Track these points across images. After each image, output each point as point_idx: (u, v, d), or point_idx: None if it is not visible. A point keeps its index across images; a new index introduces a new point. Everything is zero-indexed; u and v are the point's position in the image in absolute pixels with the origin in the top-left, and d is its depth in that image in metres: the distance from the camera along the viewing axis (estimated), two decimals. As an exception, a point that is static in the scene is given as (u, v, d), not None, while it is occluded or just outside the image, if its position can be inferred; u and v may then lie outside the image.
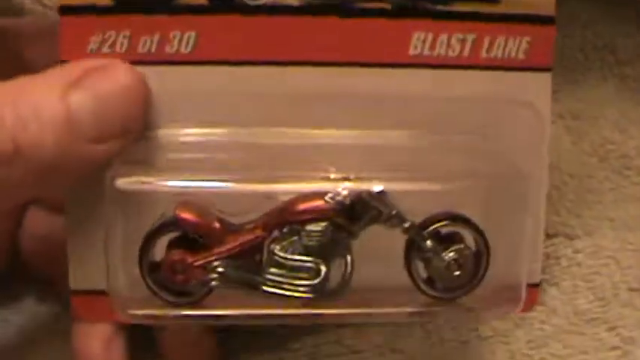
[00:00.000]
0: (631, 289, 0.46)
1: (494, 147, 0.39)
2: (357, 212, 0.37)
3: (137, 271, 0.38)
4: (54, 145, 0.33)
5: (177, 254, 0.38)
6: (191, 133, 0.38)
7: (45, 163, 0.33)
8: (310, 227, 0.37)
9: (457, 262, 0.38)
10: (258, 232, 0.37)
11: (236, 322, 0.40)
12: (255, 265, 0.37)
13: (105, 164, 0.36)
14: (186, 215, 0.37)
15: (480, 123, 0.39)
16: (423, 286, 0.39)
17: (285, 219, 0.37)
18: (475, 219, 0.39)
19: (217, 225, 0.37)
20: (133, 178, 0.37)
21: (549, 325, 0.45)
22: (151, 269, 0.38)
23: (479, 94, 0.39)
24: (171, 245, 0.38)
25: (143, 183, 0.37)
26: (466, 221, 0.39)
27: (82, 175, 0.36)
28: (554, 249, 0.47)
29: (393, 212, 0.38)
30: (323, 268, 0.37)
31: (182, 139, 0.38)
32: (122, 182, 0.37)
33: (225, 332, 0.44)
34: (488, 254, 0.39)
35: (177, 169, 0.37)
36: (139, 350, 0.42)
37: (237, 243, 0.37)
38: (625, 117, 0.51)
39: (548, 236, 0.48)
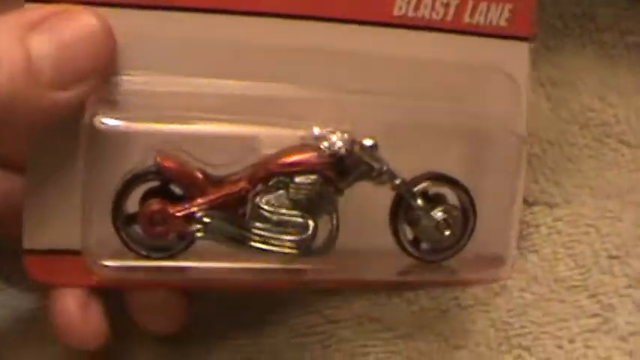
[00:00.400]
0: (611, 257, 0.45)
1: (472, 112, 0.39)
2: (346, 167, 0.36)
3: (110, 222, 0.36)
4: (11, 91, 0.31)
5: (156, 204, 0.36)
6: (161, 82, 0.36)
7: (1, 111, 0.32)
8: (299, 180, 0.36)
9: (446, 222, 0.38)
10: (243, 185, 0.36)
11: (211, 276, 0.39)
12: (239, 218, 0.36)
13: (67, 115, 0.34)
14: (169, 163, 0.36)
15: (458, 88, 0.39)
16: (409, 247, 0.38)
17: (272, 171, 0.36)
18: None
19: (200, 175, 0.36)
20: (115, 118, 0.36)
21: (529, 293, 0.45)
22: (126, 221, 0.36)
23: (460, 59, 0.39)
24: (147, 197, 0.36)
25: (127, 122, 0.36)
26: (454, 182, 0.39)
27: (43, 126, 0.34)
28: (534, 217, 0.47)
29: (385, 168, 0.37)
30: (311, 223, 0.36)
31: (153, 87, 0.36)
32: (102, 121, 0.35)
33: (199, 301, 0.43)
34: (475, 215, 0.39)
35: (156, 115, 0.36)
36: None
37: (221, 194, 0.36)
38: (604, 84, 0.51)
39: (527, 204, 0.47)
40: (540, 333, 0.44)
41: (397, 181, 0.37)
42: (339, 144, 0.36)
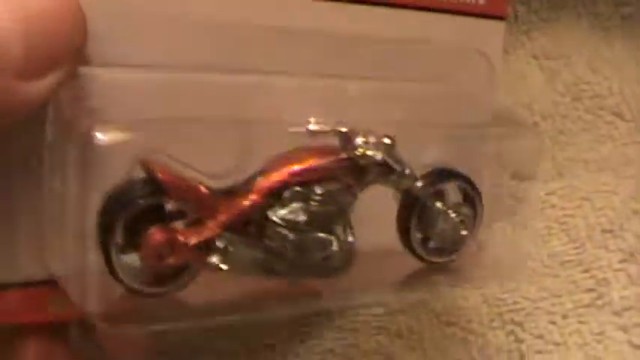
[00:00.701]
0: (605, 231, 0.45)
1: (446, 92, 0.38)
2: (363, 170, 0.32)
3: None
4: None
5: (161, 232, 0.29)
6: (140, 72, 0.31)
7: None
8: (320, 189, 0.31)
9: (463, 222, 0.35)
10: (254, 198, 0.30)
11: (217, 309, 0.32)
12: (257, 240, 0.31)
13: (31, 112, 0.28)
14: (169, 176, 0.29)
15: (433, 67, 0.37)
16: (419, 250, 0.35)
17: (286, 181, 0.30)
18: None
19: (205, 190, 0.30)
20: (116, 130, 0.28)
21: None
22: (121, 251, 0.29)
23: (436, 38, 0.37)
24: (132, 221, 0.29)
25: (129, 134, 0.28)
26: (463, 176, 0.36)
27: (5, 128, 0.28)
28: (527, 191, 0.46)
29: (407, 171, 0.33)
30: (333, 239, 0.32)
31: (133, 76, 0.31)
32: (100, 136, 0.28)
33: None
34: (482, 209, 0.36)
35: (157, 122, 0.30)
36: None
37: (233, 212, 0.30)
38: (598, 56, 0.50)
39: (520, 178, 0.46)
40: (533, 309, 0.43)
41: (419, 184, 0.34)
42: (373, 150, 0.31)
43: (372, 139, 0.32)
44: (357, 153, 0.31)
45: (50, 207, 0.30)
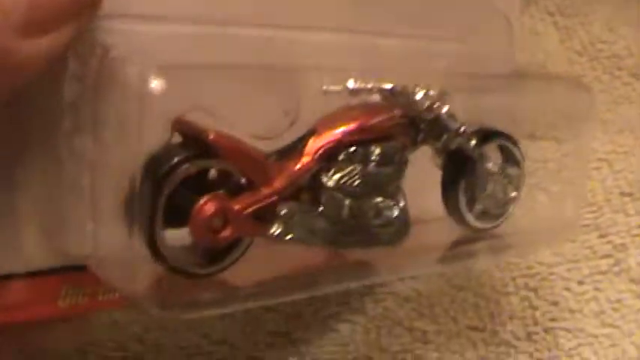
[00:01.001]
0: (623, 194, 0.43)
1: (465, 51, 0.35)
2: (418, 128, 0.29)
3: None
4: None
5: (213, 202, 0.25)
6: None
7: None
8: (378, 150, 0.28)
9: (512, 183, 0.33)
10: (306, 161, 0.27)
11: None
12: (311, 208, 0.27)
13: (36, 74, 0.24)
14: (222, 138, 0.25)
15: (453, 25, 0.35)
16: (467, 216, 0.32)
17: (341, 141, 0.27)
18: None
19: (257, 152, 0.26)
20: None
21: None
22: (166, 226, 0.25)
23: None
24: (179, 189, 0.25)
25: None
26: (509, 136, 0.33)
27: (9, 90, 0.25)
28: (543, 152, 0.44)
29: (462, 129, 0.30)
30: (393, 204, 0.29)
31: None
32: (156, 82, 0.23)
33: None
34: (524, 171, 0.34)
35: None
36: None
37: (288, 178, 0.27)
38: (616, 15, 0.48)
39: (534, 139, 0.44)
40: (548, 274, 0.41)
41: (473, 143, 0.31)
42: (439, 103, 0.29)
43: (432, 92, 0.29)
44: (421, 108, 0.29)
45: (73, 178, 0.26)
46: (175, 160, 0.25)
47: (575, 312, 0.40)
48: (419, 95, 0.29)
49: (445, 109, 0.29)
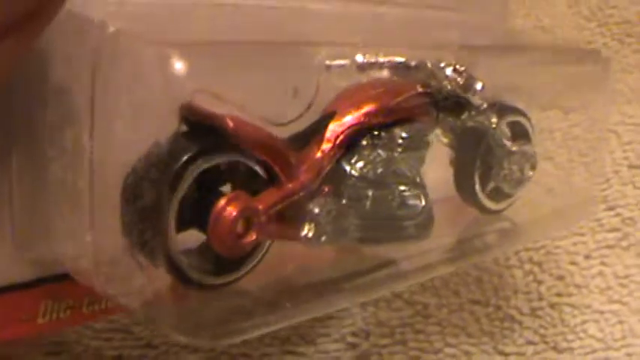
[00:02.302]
0: (632, 167, 0.41)
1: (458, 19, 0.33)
2: (439, 106, 0.26)
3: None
4: None
5: (234, 201, 0.21)
6: None
7: None
8: (404, 132, 0.25)
9: (529, 161, 0.30)
10: (327, 148, 0.23)
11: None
12: (337, 201, 0.24)
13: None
14: (244, 126, 0.21)
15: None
16: (481, 196, 0.29)
17: (363, 122, 0.24)
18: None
19: (279, 141, 0.23)
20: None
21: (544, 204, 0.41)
22: (179, 230, 0.21)
23: None
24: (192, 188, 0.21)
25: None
26: (522, 111, 0.31)
27: None
28: (549, 122, 0.42)
29: (484, 105, 0.27)
30: (421, 194, 0.25)
31: None
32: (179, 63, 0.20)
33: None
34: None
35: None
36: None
37: (314, 169, 0.23)
38: (626, -20, 0.46)
39: (541, 108, 0.43)
40: (553, 247, 0.39)
41: (494, 120, 0.28)
42: (479, 84, 0.26)
43: (459, 68, 0.26)
44: (454, 84, 0.26)
45: (61, 179, 0.22)
46: (186, 156, 0.21)
47: (581, 287, 0.38)
48: (448, 71, 0.26)
49: (479, 85, 0.26)
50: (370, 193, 0.24)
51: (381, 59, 0.25)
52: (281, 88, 0.23)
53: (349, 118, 0.24)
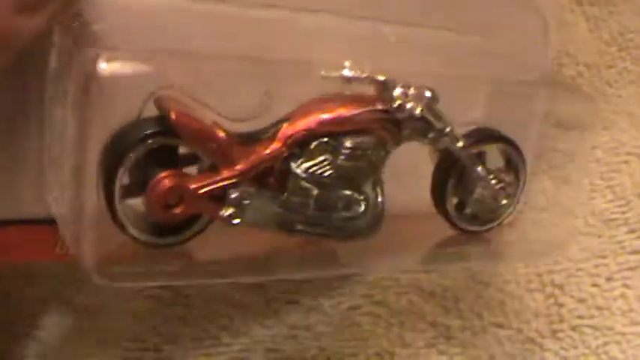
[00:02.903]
0: (653, 189, 0.42)
1: (495, 47, 0.34)
2: (400, 124, 0.29)
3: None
4: None
5: (169, 178, 0.26)
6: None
7: None
8: (351, 142, 0.28)
9: (504, 190, 0.32)
10: (276, 147, 0.27)
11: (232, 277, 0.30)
12: (277, 195, 0.28)
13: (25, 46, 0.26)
14: (186, 119, 0.26)
15: (480, 21, 0.34)
16: (456, 217, 0.32)
17: (314, 130, 0.27)
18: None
19: (223, 135, 0.27)
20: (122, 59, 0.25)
21: (564, 226, 0.41)
22: (124, 194, 0.26)
23: None
24: (141, 163, 0.26)
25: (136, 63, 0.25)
26: (507, 139, 0.32)
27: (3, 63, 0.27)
28: (569, 144, 0.43)
29: (448, 129, 0.30)
30: (362, 198, 0.29)
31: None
32: (104, 66, 0.25)
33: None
34: (526, 177, 0.33)
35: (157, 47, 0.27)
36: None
37: (252, 162, 0.27)
38: (647, 4, 0.46)
39: (562, 129, 0.43)
40: (575, 270, 0.40)
41: (459, 145, 0.30)
42: (413, 103, 0.28)
43: (411, 91, 0.28)
44: (394, 105, 0.28)
45: (49, 143, 0.27)
46: (142, 134, 0.26)
47: (602, 309, 0.39)
48: (396, 91, 0.28)
49: (417, 110, 0.29)
50: (315, 192, 0.28)
51: (363, 75, 0.28)
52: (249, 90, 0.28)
53: (301, 123, 0.27)
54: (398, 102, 0.28)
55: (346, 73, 0.28)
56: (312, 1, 0.30)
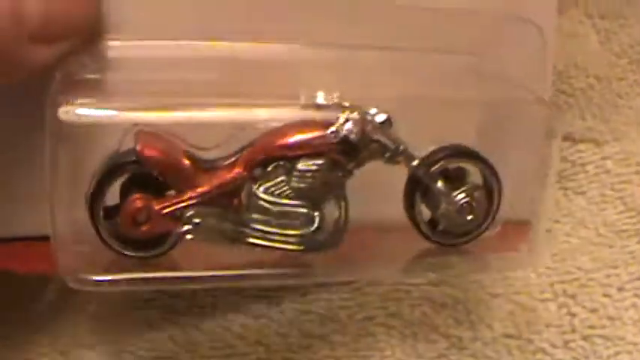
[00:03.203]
0: (664, 200, 0.42)
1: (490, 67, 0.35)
2: (356, 147, 0.31)
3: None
4: None
5: (139, 200, 0.31)
6: (147, 46, 0.32)
7: None
8: (303, 165, 0.31)
9: (470, 205, 0.33)
10: (238, 171, 0.31)
11: (207, 284, 0.33)
12: (234, 212, 0.32)
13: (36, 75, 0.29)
14: (150, 151, 0.31)
15: (474, 40, 0.35)
16: (427, 231, 0.34)
17: (271, 154, 0.31)
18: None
19: (187, 162, 0.31)
20: (81, 106, 0.29)
21: (576, 237, 0.42)
22: (105, 216, 0.31)
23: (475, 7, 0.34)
24: (126, 187, 0.31)
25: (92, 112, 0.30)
26: (478, 157, 0.33)
27: (10, 82, 0.29)
28: (581, 155, 0.44)
29: (401, 148, 0.32)
30: (317, 215, 0.32)
31: (136, 52, 0.32)
32: (66, 112, 0.29)
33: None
34: (500, 193, 0.34)
35: (133, 92, 0.31)
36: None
37: (213, 185, 0.31)
38: (657, 17, 0.47)
39: (573, 141, 0.44)
40: (587, 280, 0.40)
41: (414, 163, 0.32)
42: (348, 128, 0.31)
43: (354, 116, 0.31)
44: (329, 131, 0.31)
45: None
46: (120, 162, 0.31)
47: (614, 319, 0.39)
48: (341, 119, 0.31)
49: (352, 135, 0.31)
50: (273, 210, 0.31)
51: (330, 102, 0.31)
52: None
53: (260, 149, 0.31)
54: (332, 128, 0.31)
55: (320, 100, 0.31)
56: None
